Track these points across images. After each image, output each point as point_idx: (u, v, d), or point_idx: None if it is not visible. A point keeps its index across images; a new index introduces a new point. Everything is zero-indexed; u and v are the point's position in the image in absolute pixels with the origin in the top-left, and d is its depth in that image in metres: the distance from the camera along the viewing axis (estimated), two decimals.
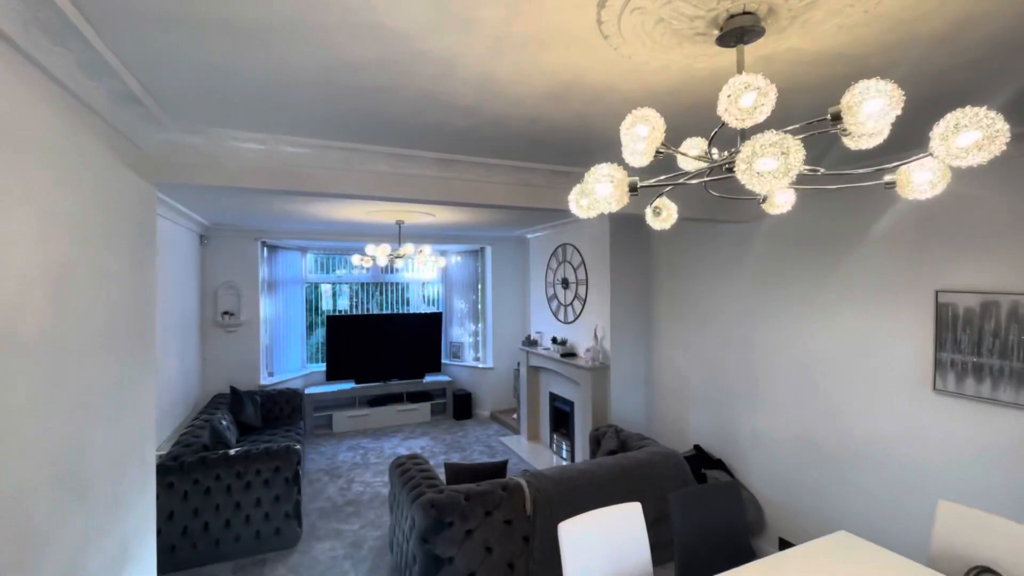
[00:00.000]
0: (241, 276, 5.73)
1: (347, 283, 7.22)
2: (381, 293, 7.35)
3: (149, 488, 2.12)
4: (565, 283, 5.26)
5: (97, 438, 1.64)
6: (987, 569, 1.86)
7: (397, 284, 7.44)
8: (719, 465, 3.75)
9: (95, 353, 1.62)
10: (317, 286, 7.03)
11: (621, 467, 3.16)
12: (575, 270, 5.07)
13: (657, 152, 1.19)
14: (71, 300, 1.47)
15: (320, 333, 6.97)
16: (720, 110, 0.92)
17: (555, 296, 5.49)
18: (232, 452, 3.46)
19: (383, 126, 2.08)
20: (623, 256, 4.56)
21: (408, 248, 4.41)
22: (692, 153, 1.21)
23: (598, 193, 1.00)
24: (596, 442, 3.97)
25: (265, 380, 5.95)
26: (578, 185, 1.35)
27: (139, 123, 1.91)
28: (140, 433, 2.01)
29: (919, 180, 1.11)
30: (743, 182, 0.86)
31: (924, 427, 2.58)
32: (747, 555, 2.17)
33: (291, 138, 2.24)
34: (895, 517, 2.72)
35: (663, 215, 1.52)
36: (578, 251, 5.01)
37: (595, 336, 4.65)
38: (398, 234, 4.98)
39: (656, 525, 3.15)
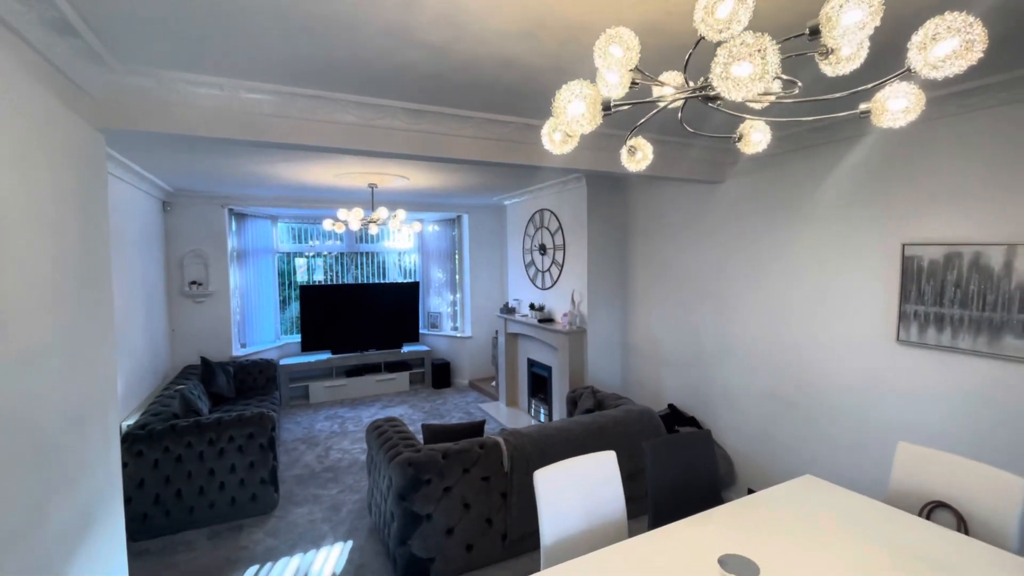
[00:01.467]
0: (208, 245, 5.53)
1: (320, 253, 7.05)
2: (356, 265, 7.21)
3: (113, 450, 2.05)
4: (543, 249, 5.22)
5: (51, 395, 1.56)
6: (941, 504, 1.95)
7: (372, 254, 7.30)
8: (692, 422, 3.84)
9: (41, 305, 1.52)
10: (290, 258, 6.84)
11: (597, 424, 3.20)
12: (552, 236, 5.03)
13: (632, 83, 1.15)
14: (9, 245, 1.37)
15: (295, 308, 6.82)
16: (696, 20, 0.88)
17: (533, 263, 5.46)
18: (203, 419, 3.38)
19: (347, 69, 1.98)
20: (600, 220, 4.54)
21: (382, 212, 4.30)
22: (668, 83, 1.17)
23: (570, 112, 0.95)
24: (573, 403, 4.02)
25: (238, 352, 5.82)
26: (551, 119, 1.30)
27: (80, 61, 1.76)
28: (100, 393, 1.93)
29: (894, 107, 1.09)
30: (719, 90, 0.83)
31: (888, 377, 2.67)
32: (717, 501, 2.23)
33: (251, 83, 2.11)
34: (858, 463, 2.84)
35: (638, 156, 1.48)
36: (556, 216, 4.96)
37: (572, 301, 4.66)
38: (371, 199, 4.85)
39: (630, 480, 3.22)
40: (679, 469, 2.14)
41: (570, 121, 0.96)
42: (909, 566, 1.60)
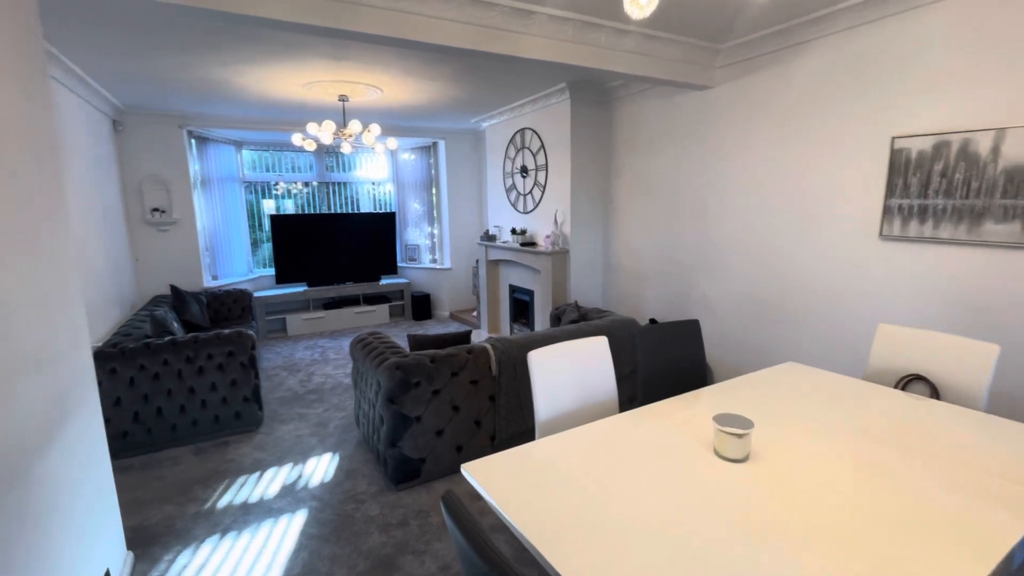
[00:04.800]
0: (168, 169, 5.18)
1: (290, 186, 6.70)
2: (327, 197, 6.90)
3: (82, 345, 1.94)
4: (524, 171, 5.08)
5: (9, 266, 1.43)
6: (917, 377, 2.04)
7: (344, 185, 7.00)
8: None
9: None
10: (259, 190, 6.48)
11: (582, 332, 3.22)
12: (534, 156, 4.88)
13: None
14: None
15: (267, 248, 6.55)
16: None
17: (513, 186, 5.32)
18: (179, 338, 3.27)
19: None
20: (584, 137, 4.40)
21: (355, 125, 4.05)
22: None
23: None
24: (556, 319, 4.04)
25: (209, 284, 5.62)
26: None
27: None
28: (59, 279, 1.79)
29: None
30: None
31: (869, 272, 2.73)
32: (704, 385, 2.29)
33: None
34: (837, 356, 2.94)
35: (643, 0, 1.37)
36: (537, 135, 4.79)
37: (555, 221, 4.58)
38: (343, 115, 4.55)
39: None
40: (668, 356, 2.17)
41: None
42: (885, 427, 1.68)
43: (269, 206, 6.61)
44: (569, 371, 1.88)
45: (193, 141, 5.48)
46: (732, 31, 3.02)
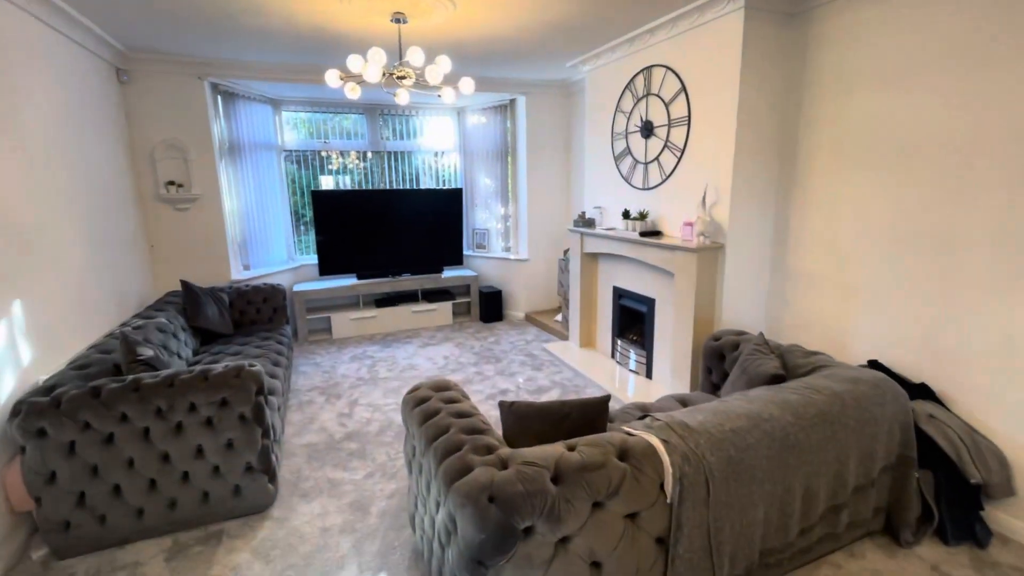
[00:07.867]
0: (187, 133, 4.11)
1: (344, 154, 5.53)
2: (384, 169, 5.67)
3: None
4: (647, 129, 3.57)
5: None
6: None
7: (401, 155, 5.75)
8: (924, 392, 2.35)
9: None
10: (308, 163, 5.35)
11: (816, 408, 1.76)
12: (667, 106, 3.36)
13: None
14: None
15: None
16: None
17: (628, 152, 3.83)
18: (146, 379, 2.12)
19: None
20: (761, 71, 2.83)
21: (415, 54, 2.71)
22: None
23: None
24: (718, 357, 2.59)
25: (241, 275, 4.59)
26: None
27: None
28: None
29: None
30: None
31: None
32: None
33: None
34: None
35: None
36: (675, 74, 3.26)
37: (703, 202, 3.07)
38: (398, 44, 3.22)
39: (858, 494, 1.85)
40: None
41: None
42: None
43: (328, 183, 5.48)
44: None
45: (219, 97, 4.37)
46: None
